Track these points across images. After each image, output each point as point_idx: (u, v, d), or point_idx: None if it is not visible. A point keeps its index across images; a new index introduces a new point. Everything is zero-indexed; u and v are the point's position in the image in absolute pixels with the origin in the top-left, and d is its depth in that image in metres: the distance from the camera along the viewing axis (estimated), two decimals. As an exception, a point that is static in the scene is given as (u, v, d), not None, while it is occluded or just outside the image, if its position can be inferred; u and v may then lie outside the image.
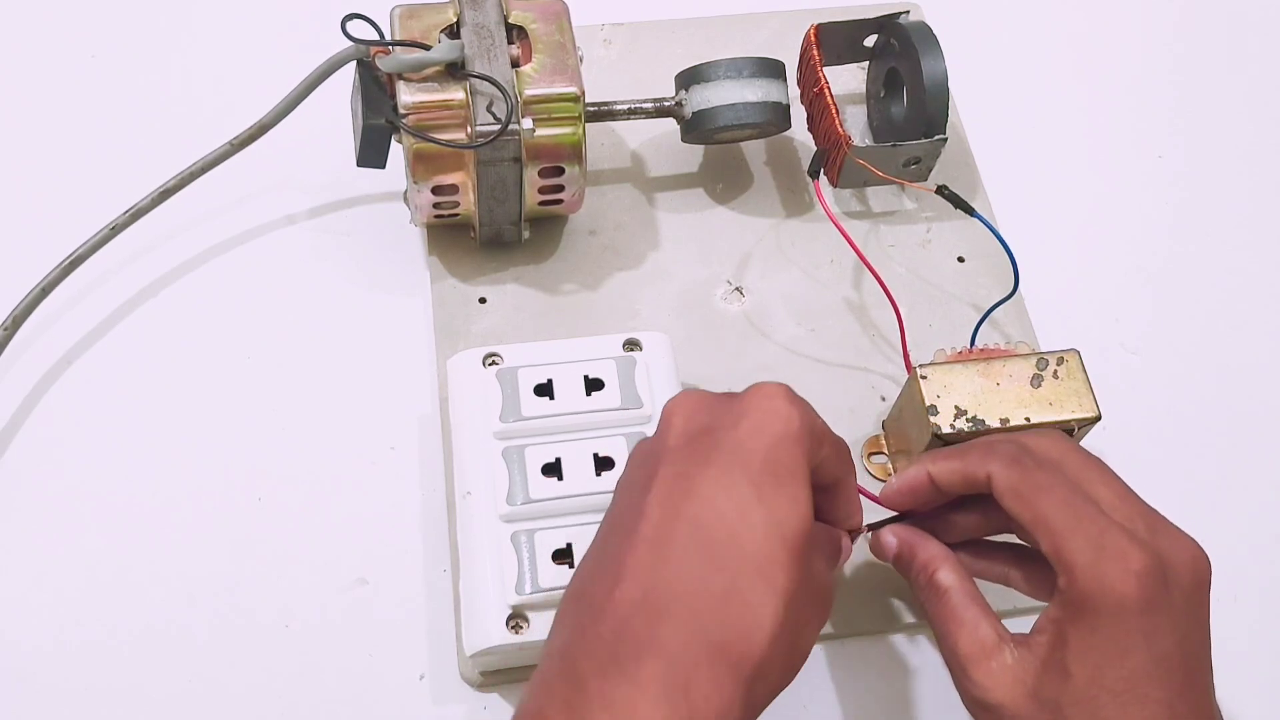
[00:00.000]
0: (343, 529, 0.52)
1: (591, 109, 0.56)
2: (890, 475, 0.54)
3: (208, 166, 0.56)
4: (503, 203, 0.56)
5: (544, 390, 0.50)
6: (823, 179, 0.62)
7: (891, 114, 0.62)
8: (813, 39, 0.60)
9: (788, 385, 0.40)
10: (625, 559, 0.37)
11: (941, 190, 0.57)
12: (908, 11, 0.61)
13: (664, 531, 0.37)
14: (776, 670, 0.36)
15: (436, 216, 0.56)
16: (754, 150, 0.64)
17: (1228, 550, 0.55)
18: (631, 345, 0.52)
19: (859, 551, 0.52)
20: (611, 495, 0.42)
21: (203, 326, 0.57)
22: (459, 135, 0.52)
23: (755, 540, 0.36)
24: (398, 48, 0.52)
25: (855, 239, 0.55)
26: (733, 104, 0.57)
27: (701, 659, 0.35)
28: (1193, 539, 0.42)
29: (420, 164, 0.53)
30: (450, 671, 0.50)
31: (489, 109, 0.51)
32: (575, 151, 0.54)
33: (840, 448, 0.42)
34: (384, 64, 0.51)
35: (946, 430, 0.49)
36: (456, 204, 0.55)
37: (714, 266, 0.60)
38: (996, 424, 0.49)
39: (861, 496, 0.45)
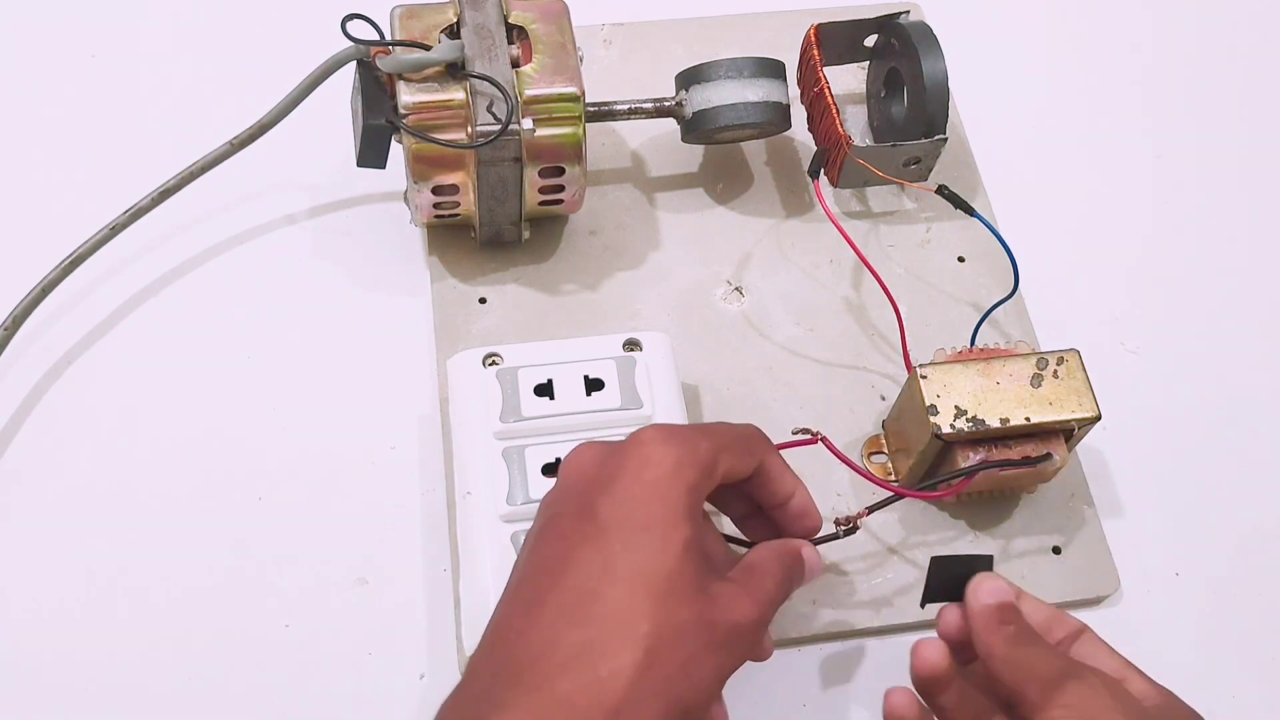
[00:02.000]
0: (343, 529, 0.52)
1: (592, 109, 0.56)
2: (890, 474, 0.54)
3: (208, 166, 0.56)
4: (503, 203, 0.56)
5: (544, 390, 0.50)
6: (823, 179, 0.62)
7: (891, 114, 0.62)
8: (813, 39, 0.60)
9: (669, 425, 0.42)
10: (499, 623, 0.39)
11: (941, 190, 0.57)
12: (908, 11, 0.61)
13: (536, 594, 0.38)
14: (651, 712, 0.37)
15: (436, 216, 0.56)
16: (754, 150, 0.64)
17: (1228, 549, 0.55)
18: (631, 345, 0.52)
19: (855, 547, 0.52)
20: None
21: (203, 326, 0.57)
22: (459, 135, 0.52)
23: (617, 593, 0.37)
24: (398, 48, 0.52)
25: (855, 239, 0.55)
26: (733, 104, 0.57)
27: (550, 714, 0.36)
28: None
29: (420, 164, 0.53)
30: (450, 671, 0.50)
31: (489, 109, 0.51)
32: (575, 151, 0.54)
33: (742, 443, 0.43)
34: (384, 64, 0.51)
35: (946, 430, 0.49)
36: (457, 204, 0.55)
37: (714, 266, 0.60)
38: (997, 423, 0.49)
39: (851, 492, 0.45)
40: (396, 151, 0.54)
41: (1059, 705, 0.40)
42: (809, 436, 0.48)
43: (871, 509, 0.46)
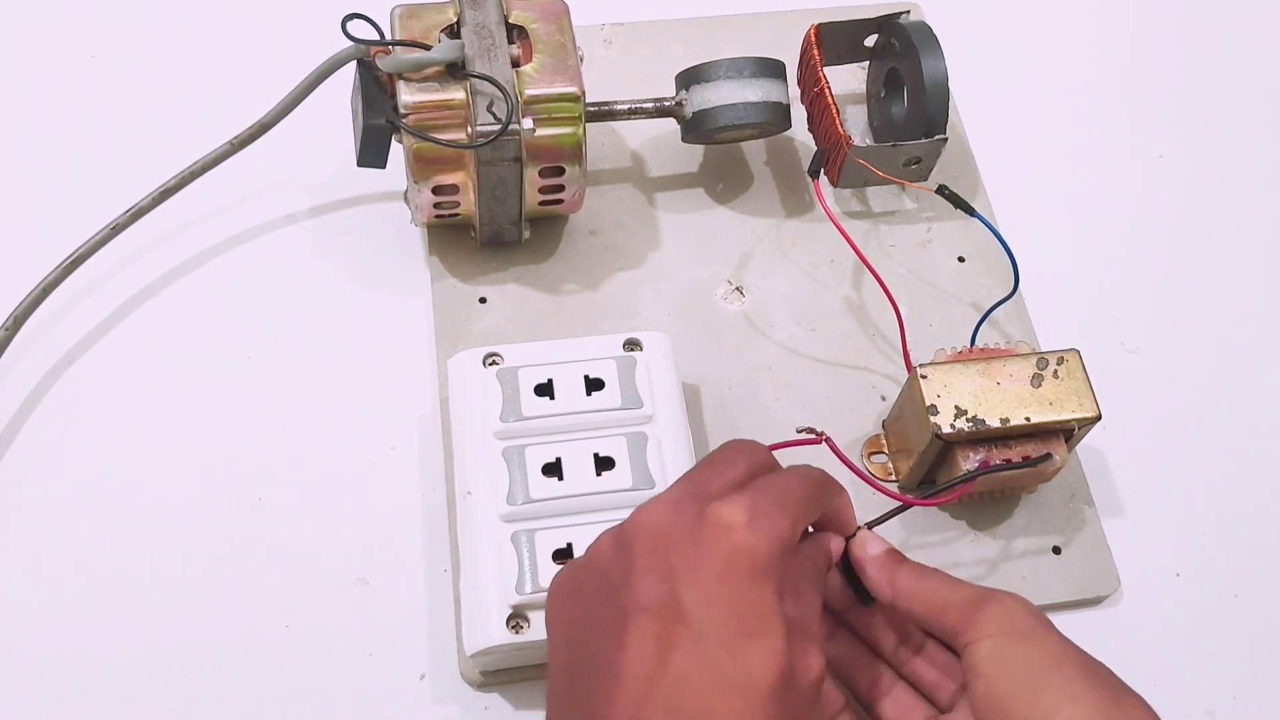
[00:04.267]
0: (343, 529, 0.52)
1: (592, 109, 0.56)
2: (890, 474, 0.54)
3: (208, 166, 0.56)
4: (503, 203, 0.56)
5: (544, 390, 0.50)
6: (823, 179, 0.62)
7: (891, 114, 0.62)
8: (813, 39, 0.60)
9: (748, 496, 0.39)
10: None
11: (941, 190, 0.57)
12: (908, 11, 0.61)
13: (640, 706, 0.37)
14: None
15: (437, 216, 0.56)
16: (754, 150, 0.64)
17: (1228, 549, 0.55)
18: (631, 345, 0.52)
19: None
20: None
21: (203, 326, 0.57)
22: (459, 135, 0.52)
23: (731, 708, 0.36)
24: (398, 47, 0.52)
25: (855, 239, 0.55)
26: (733, 104, 0.57)
27: None
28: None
29: (420, 164, 0.53)
30: (450, 671, 0.50)
31: (489, 109, 0.51)
32: (575, 151, 0.54)
33: (815, 502, 0.42)
34: (384, 64, 0.51)
35: (947, 430, 0.49)
36: (457, 204, 0.55)
37: (714, 266, 0.60)
38: (997, 423, 0.49)
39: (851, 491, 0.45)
40: (396, 151, 0.54)
41: (984, 630, 0.40)
42: (813, 436, 0.48)
43: (873, 524, 0.46)
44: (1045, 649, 0.40)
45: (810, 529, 0.45)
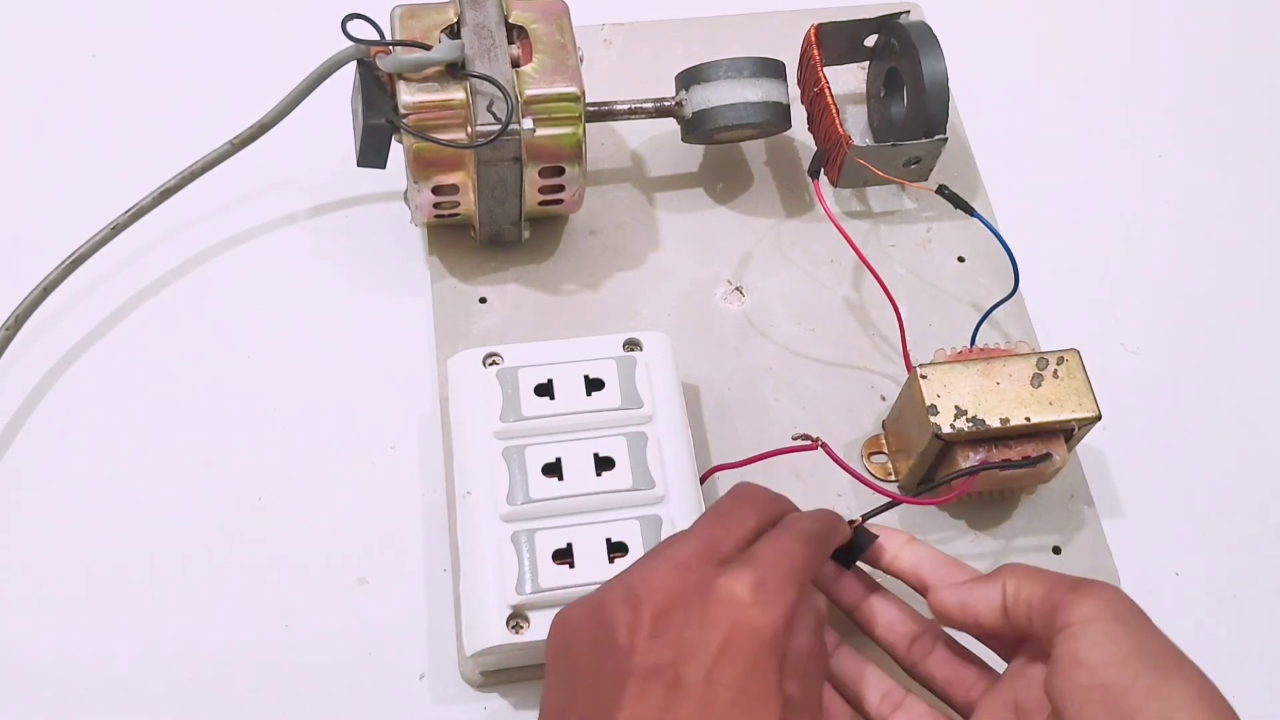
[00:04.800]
0: (343, 529, 0.52)
1: (592, 109, 0.56)
2: (890, 474, 0.54)
3: (208, 166, 0.56)
4: (503, 203, 0.56)
5: (544, 390, 0.50)
6: (823, 179, 0.62)
7: (891, 114, 0.62)
8: (813, 39, 0.60)
9: (760, 572, 0.39)
10: None
11: (941, 190, 0.57)
12: (908, 11, 0.61)
13: None
14: None
15: (437, 216, 0.56)
16: (754, 150, 0.64)
17: (1228, 549, 0.55)
18: (631, 345, 0.52)
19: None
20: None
21: (203, 326, 0.57)
22: (459, 135, 0.52)
23: None
24: (398, 48, 0.52)
25: (855, 239, 0.55)
26: (733, 104, 0.57)
27: None
28: None
29: (420, 164, 0.53)
30: (450, 671, 0.50)
31: (489, 109, 0.51)
32: (575, 151, 0.54)
33: (823, 554, 0.43)
34: (384, 64, 0.51)
35: (946, 430, 0.49)
36: (457, 204, 0.55)
37: (714, 266, 0.60)
38: (997, 423, 0.49)
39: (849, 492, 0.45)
40: (396, 151, 0.54)
41: (1085, 614, 0.39)
42: (809, 443, 0.48)
43: (867, 516, 0.46)
44: (1157, 642, 0.39)
45: None
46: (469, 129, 0.52)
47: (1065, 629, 0.40)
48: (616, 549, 0.47)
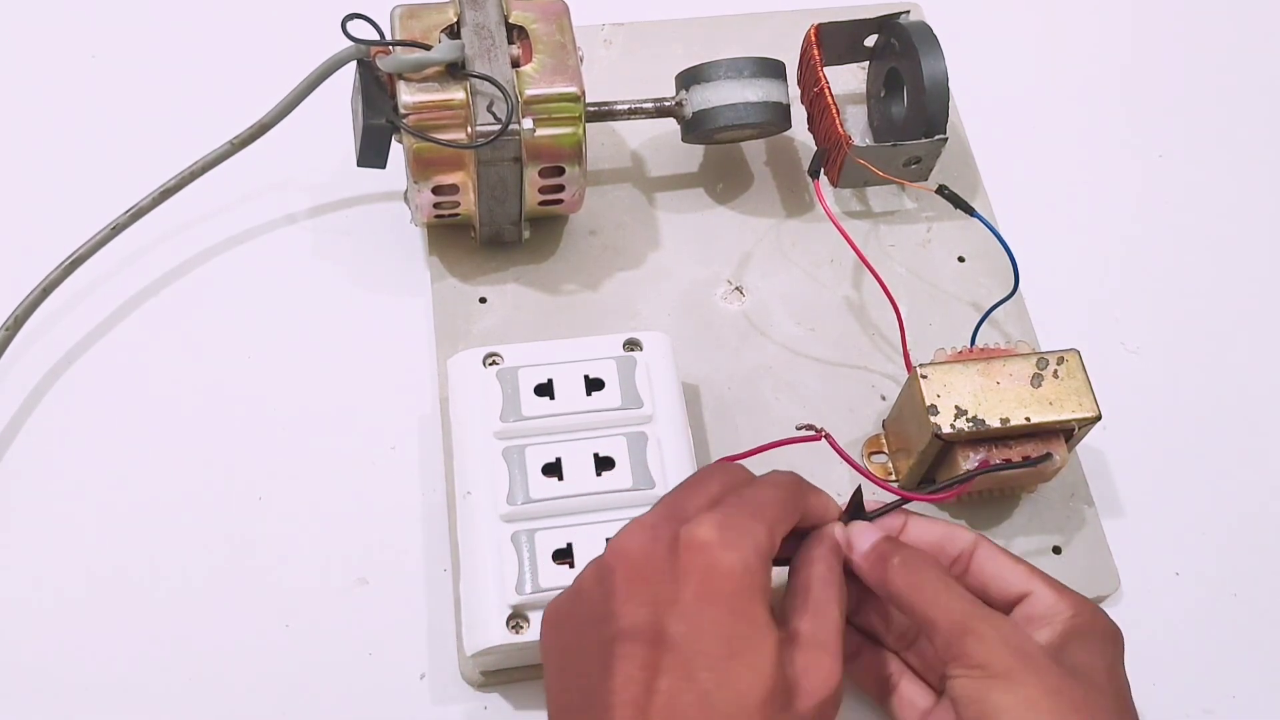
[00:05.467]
0: (343, 529, 0.52)
1: (592, 109, 0.56)
2: (890, 474, 0.54)
3: (208, 166, 0.56)
4: (503, 203, 0.56)
5: (544, 390, 0.50)
6: (823, 179, 0.62)
7: (891, 114, 0.62)
8: (813, 39, 0.60)
9: (721, 513, 0.39)
10: None
11: (941, 190, 0.57)
12: (908, 11, 0.61)
13: None
14: None
15: (437, 216, 0.56)
16: (754, 150, 0.64)
17: (1228, 549, 0.55)
18: (631, 345, 0.52)
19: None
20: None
21: (203, 326, 0.57)
22: (459, 135, 0.52)
23: None
24: (398, 48, 0.52)
25: (855, 239, 0.55)
26: (733, 104, 0.57)
27: None
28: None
29: (420, 164, 0.53)
30: (450, 671, 0.50)
31: (489, 109, 0.51)
32: (575, 151, 0.54)
33: (790, 507, 0.42)
34: (384, 64, 0.51)
35: (947, 430, 0.49)
36: (457, 204, 0.55)
37: (714, 266, 0.60)
38: (997, 423, 0.49)
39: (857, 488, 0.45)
40: (396, 151, 0.54)
41: (962, 664, 0.40)
42: (813, 433, 0.48)
43: (873, 515, 0.46)
44: (1017, 694, 0.39)
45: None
46: (469, 129, 0.52)
47: (948, 678, 0.40)
48: (616, 549, 0.47)
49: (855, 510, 0.46)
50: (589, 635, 0.39)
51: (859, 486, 0.46)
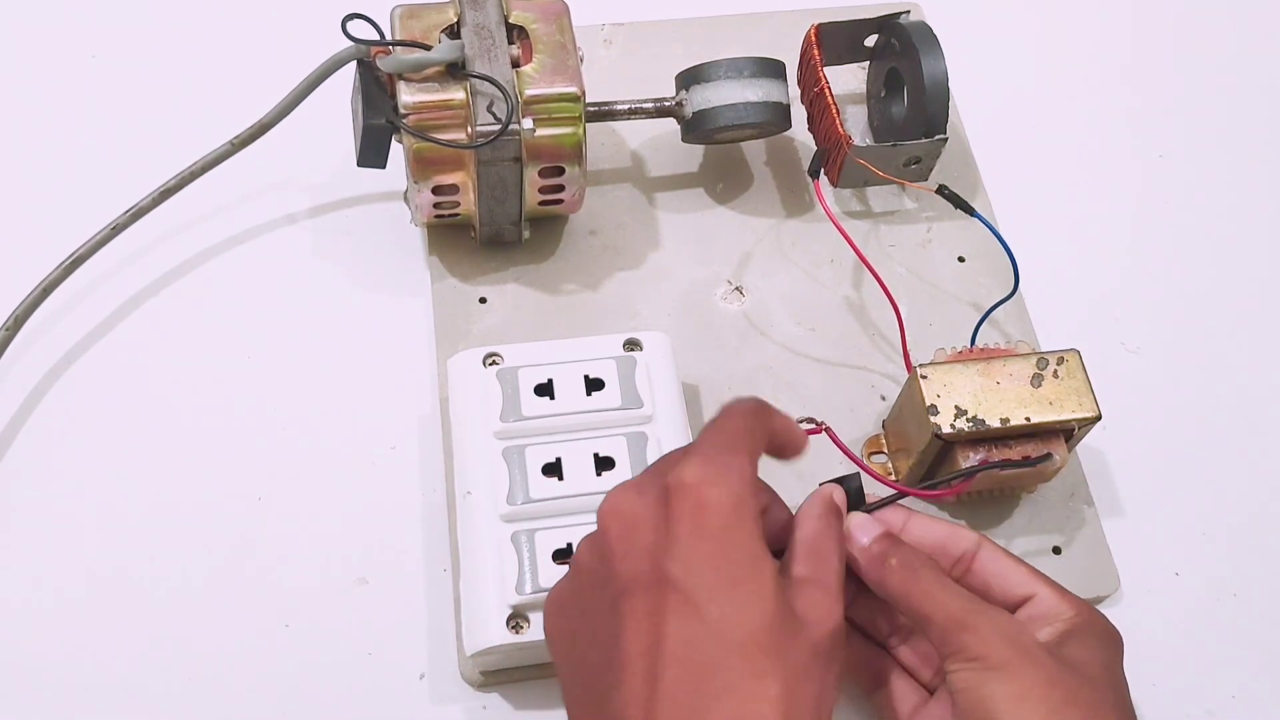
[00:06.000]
0: (343, 529, 0.52)
1: (592, 109, 0.56)
2: (890, 474, 0.54)
3: (208, 166, 0.56)
4: (503, 203, 0.56)
5: (544, 390, 0.50)
6: (823, 179, 0.62)
7: (892, 114, 0.62)
8: (813, 39, 0.60)
9: (700, 452, 0.39)
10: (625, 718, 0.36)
11: (941, 190, 0.57)
12: (908, 11, 0.61)
13: (650, 683, 0.36)
14: None
15: (437, 216, 0.56)
16: (754, 150, 0.64)
17: (1228, 549, 0.55)
18: (631, 345, 0.52)
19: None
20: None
21: (203, 326, 0.57)
22: (459, 135, 0.52)
23: (734, 661, 0.36)
24: (398, 48, 0.52)
25: (855, 239, 0.55)
26: (733, 104, 0.57)
27: None
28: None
29: (420, 164, 0.53)
30: (450, 671, 0.50)
31: (489, 109, 0.51)
32: (575, 151, 0.54)
33: (759, 430, 0.42)
34: (384, 64, 0.51)
35: (947, 430, 0.49)
36: (457, 204, 0.55)
37: (714, 266, 0.60)
38: (997, 423, 0.49)
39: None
40: (396, 151, 0.54)
41: (961, 657, 0.40)
42: (814, 426, 0.48)
43: (871, 508, 0.46)
44: (1014, 685, 0.39)
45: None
46: (469, 129, 0.52)
47: (947, 672, 0.41)
48: (616, 549, 0.47)
49: (854, 502, 0.46)
50: (593, 606, 0.39)
51: (857, 473, 0.46)
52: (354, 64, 0.53)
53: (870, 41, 0.63)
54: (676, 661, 0.36)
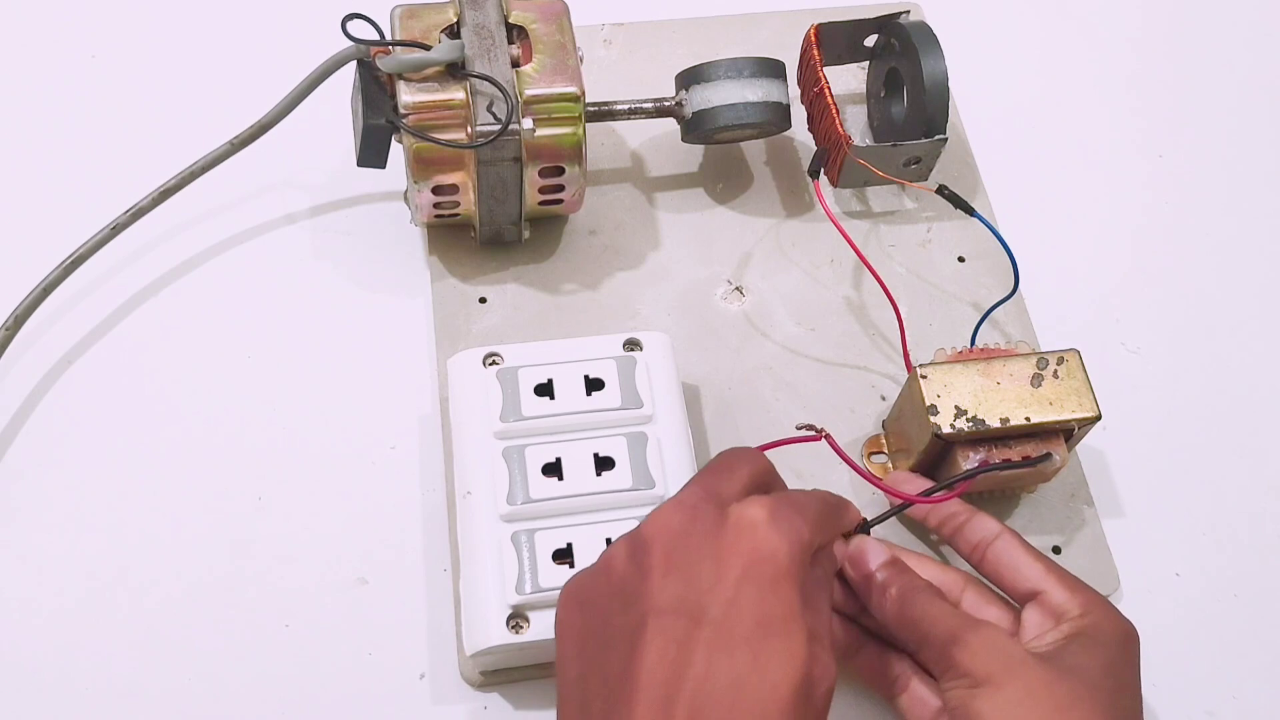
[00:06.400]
0: (343, 529, 0.52)
1: (592, 109, 0.56)
2: (890, 473, 0.54)
3: (208, 166, 0.56)
4: (503, 203, 0.56)
5: (544, 390, 0.50)
6: (823, 179, 0.62)
7: (891, 114, 0.62)
8: (813, 39, 0.60)
9: (768, 500, 0.39)
10: None
11: (941, 190, 0.57)
12: (908, 11, 0.61)
13: (662, 712, 0.36)
14: None
15: (436, 216, 0.56)
16: (754, 150, 0.64)
17: (1228, 549, 0.55)
18: (631, 345, 0.52)
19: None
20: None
21: (203, 326, 0.57)
22: (459, 135, 0.52)
23: (753, 712, 0.36)
24: (398, 48, 0.52)
25: (855, 239, 0.55)
26: (733, 104, 0.57)
27: None
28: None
29: (420, 164, 0.53)
30: (450, 671, 0.50)
31: (489, 109, 0.51)
32: (575, 151, 0.54)
33: (831, 519, 0.43)
34: (384, 64, 0.51)
35: (946, 430, 0.49)
36: (457, 204, 0.55)
37: (714, 266, 0.60)
38: (997, 423, 0.49)
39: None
40: (396, 151, 0.54)
41: (951, 676, 0.41)
42: (813, 433, 0.48)
43: (873, 522, 0.46)
44: (1000, 698, 0.40)
45: None
46: (469, 129, 0.52)
47: (942, 691, 0.41)
48: (617, 549, 0.47)
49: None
50: (617, 613, 0.38)
51: (863, 520, 0.46)
52: (354, 64, 0.53)
53: (870, 41, 0.63)
54: (693, 697, 0.36)
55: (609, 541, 0.46)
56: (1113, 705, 0.40)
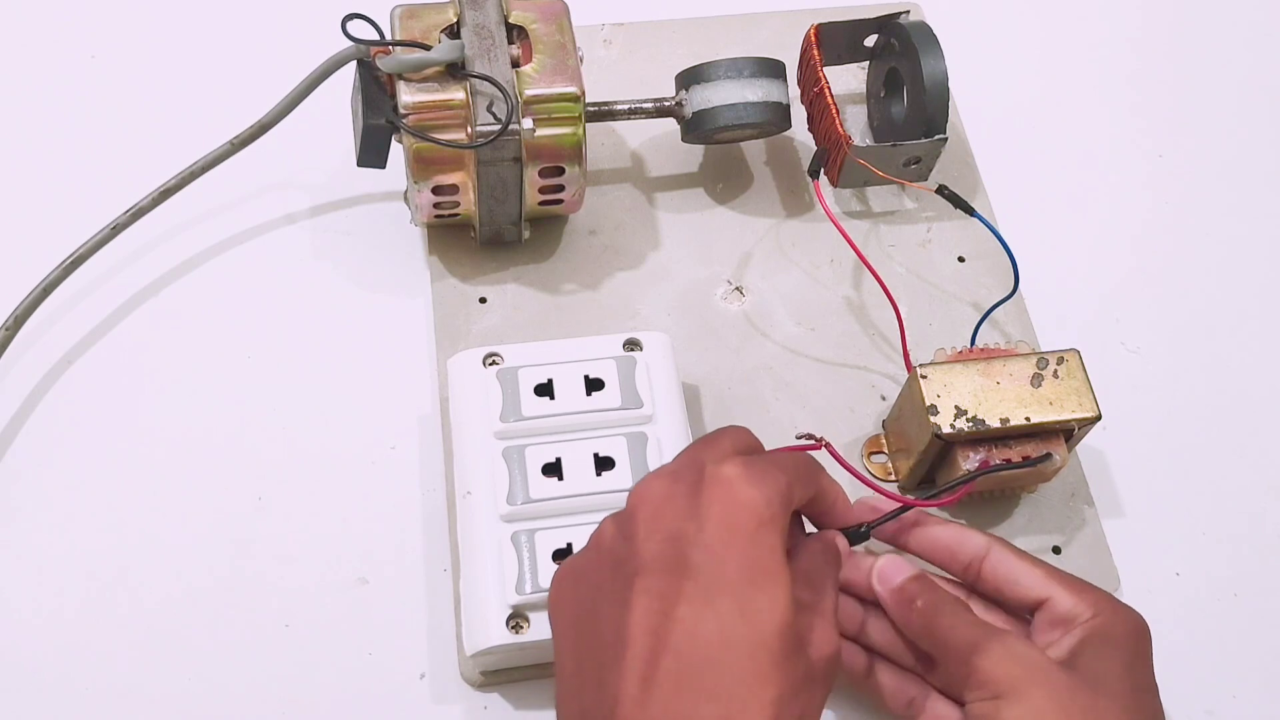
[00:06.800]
0: (343, 529, 0.52)
1: (592, 109, 0.56)
2: (890, 474, 0.54)
3: (208, 166, 0.56)
4: (503, 203, 0.56)
5: (544, 390, 0.50)
6: (823, 179, 0.62)
7: (891, 114, 0.62)
8: (813, 39, 0.60)
9: (742, 456, 0.40)
10: (617, 694, 0.37)
11: (941, 190, 0.57)
12: (908, 11, 0.61)
13: (650, 664, 0.36)
14: None
15: (436, 216, 0.56)
16: (754, 150, 0.64)
17: (1228, 549, 0.55)
18: (631, 345, 0.52)
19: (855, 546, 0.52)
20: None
21: (203, 326, 0.57)
22: (459, 135, 0.52)
23: (739, 661, 0.36)
24: (398, 48, 0.52)
25: (855, 239, 0.55)
26: (733, 104, 0.57)
27: None
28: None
29: (420, 164, 0.53)
30: (450, 671, 0.50)
31: (489, 109, 0.51)
32: (575, 151, 0.54)
33: (806, 471, 0.43)
34: (384, 64, 0.51)
35: (946, 430, 0.49)
36: (456, 204, 0.55)
37: (714, 266, 0.60)
38: (997, 423, 0.49)
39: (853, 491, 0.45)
40: (396, 151, 0.54)
41: (970, 689, 0.41)
42: (813, 442, 0.48)
43: (874, 525, 0.46)
44: (1023, 708, 0.40)
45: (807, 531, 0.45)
46: (469, 129, 0.52)
47: (964, 705, 0.41)
48: (616, 549, 0.47)
49: (855, 539, 0.46)
50: (607, 579, 0.39)
51: (862, 524, 0.46)
52: (354, 64, 0.53)
53: (870, 41, 0.63)
54: (682, 650, 0.36)
55: (629, 493, 0.46)
56: (1136, 705, 0.40)
